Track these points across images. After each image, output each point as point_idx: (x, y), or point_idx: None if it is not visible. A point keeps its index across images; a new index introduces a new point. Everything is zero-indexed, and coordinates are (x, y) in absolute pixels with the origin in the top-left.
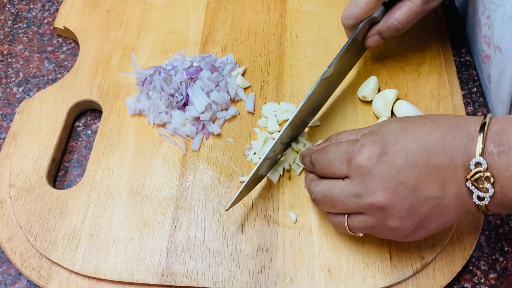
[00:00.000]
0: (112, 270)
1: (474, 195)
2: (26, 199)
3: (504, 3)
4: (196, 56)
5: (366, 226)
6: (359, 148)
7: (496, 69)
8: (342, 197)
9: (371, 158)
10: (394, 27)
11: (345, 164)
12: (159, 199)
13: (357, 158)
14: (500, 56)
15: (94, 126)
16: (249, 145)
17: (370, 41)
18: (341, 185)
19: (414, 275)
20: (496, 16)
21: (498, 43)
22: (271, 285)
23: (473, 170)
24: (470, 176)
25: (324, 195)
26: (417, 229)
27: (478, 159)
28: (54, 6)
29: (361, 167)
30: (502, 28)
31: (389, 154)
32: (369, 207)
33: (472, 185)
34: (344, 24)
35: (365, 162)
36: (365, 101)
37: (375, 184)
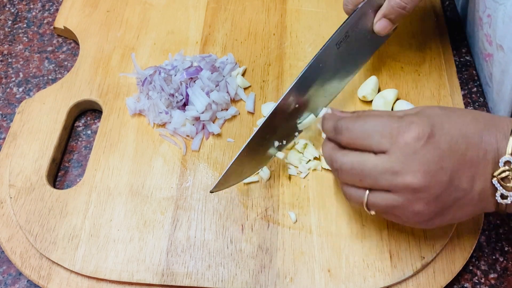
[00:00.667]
0: (112, 270)
1: (498, 192)
2: (26, 199)
3: (505, 2)
4: (196, 56)
5: (388, 205)
6: (408, 125)
7: (499, 68)
8: (375, 172)
9: (420, 138)
10: (399, 6)
11: (387, 138)
12: (159, 199)
13: (406, 135)
14: (502, 55)
15: (94, 126)
16: None
17: (379, 27)
18: (375, 160)
19: (414, 275)
20: (497, 15)
21: (500, 42)
22: (271, 285)
23: (501, 168)
24: (497, 174)
25: (353, 167)
26: (434, 217)
27: (508, 157)
28: (54, 6)
29: (408, 144)
30: (503, 27)
31: (436, 137)
32: (404, 187)
33: (498, 182)
34: (346, 11)
35: (413, 141)
36: (365, 101)
37: (417, 165)
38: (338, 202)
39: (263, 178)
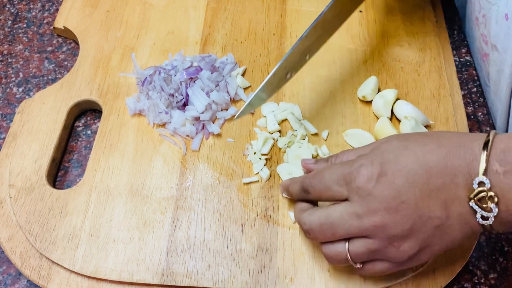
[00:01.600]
0: (112, 270)
1: (478, 214)
2: (26, 199)
3: (498, 2)
4: (196, 56)
5: (369, 250)
6: (357, 169)
7: (495, 68)
8: (342, 220)
9: (370, 179)
10: None
11: (344, 186)
12: (159, 199)
13: (356, 180)
14: (497, 55)
15: (94, 126)
16: (249, 145)
17: None
18: (340, 208)
19: (414, 275)
20: (491, 15)
21: (494, 42)
22: (271, 285)
23: (476, 190)
24: (473, 196)
25: (322, 224)
26: (422, 250)
27: (481, 178)
28: (54, 6)
29: (361, 188)
30: (497, 27)
31: (389, 174)
32: (373, 228)
33: (476, 204)
34: None
35: (364, 184)
36: (365, 101)
37: (376, 204)
38: None
39: (263, 178)
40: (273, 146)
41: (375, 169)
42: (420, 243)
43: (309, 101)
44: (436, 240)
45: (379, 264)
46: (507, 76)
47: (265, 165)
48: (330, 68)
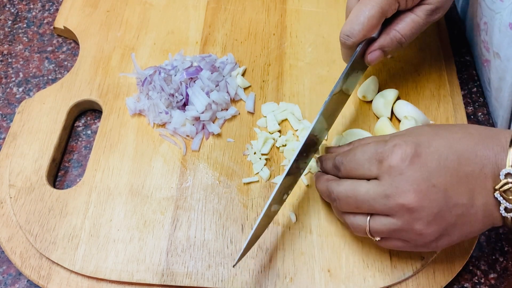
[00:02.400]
0: (112, 270)
1: (501, 206)
2: (26, 199)
3: (501, 11)
4: (196, 56)
5: (389, 229)
6: (391, 148)
7: (496, 75)
8: (368, 197)
9: (404, 159)
10: (398, 40)
11: (375, 164)
12: (159, 199)
13: (390, 159)
14: (499, 63)
15: (94, 126)
16: (249, 145)
17: (372, 57)
18: (367, 186)
19: (414, 275)
20: (494, 23)
21: (497, 49)
22: (271, 285)
23: (502, 181)
24: (499, 187)
25: (348, 196)
26: (441, 237)
27: (508, 169)
28: (54, 6)
29: (393, 167)
30: (500, 36)
31: (422, 156)
32: (398, 208)
33: (501, 195)
34: (343, 42)
35: (397, 163)
36: (365, 101)
37: (407, 185)
38: None
39: (263, 178)
40: (273, 146)
41: (409, 149)
42: (441, 230)
43: (309, 101)
44: (456, 228)
45: (396, 242)
46: (509, 84)
47: (265, 165)
48: (330, 68)
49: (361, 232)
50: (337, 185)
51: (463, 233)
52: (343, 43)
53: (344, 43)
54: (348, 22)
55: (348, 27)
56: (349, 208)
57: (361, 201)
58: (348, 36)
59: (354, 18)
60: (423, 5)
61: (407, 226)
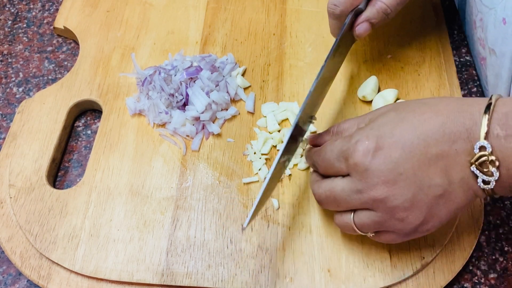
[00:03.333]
0: (112, 270)
1: (479, 179)
2: (26, 199)
3: (495, 7)
4: (196, 56)
5: (374, 222)
6: (353, 145)
7: (492, 72)
8: (344, 195)
9: (366, 154)
10: (383, 10)
11: (343, 162)
12: (159, 199)
13: (353, 156)
14: (495, 59)
15: (94, 126)
16: (249, 145)
17: (360, 29)
18: (342, 183)
19: (414, 275)
20: (488, 19)
21: (492, 46)
22: (271, 285)
23: (477, 154)
24: (474, 160)
25: (327, 196)
26: (428, 219)
27: (482, 142)
28: (54, 6)
29: (357, 164)
30: (495, 32)
31: (385, 147)
32: (373, 202)
33: (477, 169)
34: (331, 12)
35: (360, 159)
36: (365, 101)
37: (374, 179)
38: None
39: (261, 178)
40: (273, 146)
41: (370, 144)
42: (424, 213)
43: None
44: (441, 208)
45: (388, 235)
46: (504, 80)
47: (264, 165)
48: None
49: (350, 230)
50: (318, 187)
51: (450, 210)
52: (331, 13)
53: (332, 13)
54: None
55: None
56: (331, 206)
57: (339, 199)
58: (335, 5)
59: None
60: None
61: (388, 216)
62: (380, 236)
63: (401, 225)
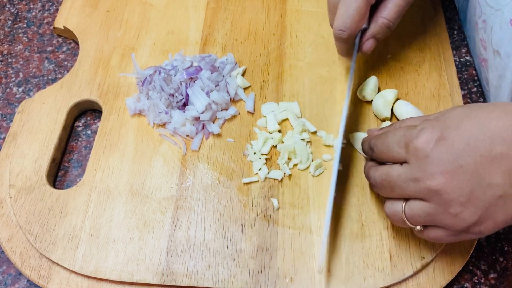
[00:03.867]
0: (112, 270)
1: None
2: (26, 199)
3: (502, 8)
4: (196, 56)
5: (425, 214)
6: (417, 132)
7: (496, 73)
8: (400, 181)
9: (429, 141)
10: (386, 25)
11: (403, 148)
12: (159, 199)
13: (415, 141)
14: (499, 60)
15: (94, 126)
16: (249, 145)
17: (367, 46)
18: (399, 170)
19: (414, 275)
20: (494, 21)
21: (497, 47)
22: (271, 285)
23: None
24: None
25: (383, 180)
26: (483, 219)
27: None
28: (54, 6)
29: (418, 150)
30: (500, 33)
31: (449, 138)
32: (428, 191)
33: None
34: (338, 37)
35: (422, 145)
36: (365, 101)
37: (433, 167)
38: (338, 202)
39: (261, 178)
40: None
41: (435, 132)
42: (480, 212)
43: (309, 101)
44: (499, 211)
45: (436, 231)
46: (509, 81)
47: (264, 164)
48: (330, 68)
49: (399, 221)
50: (374, 171)
51: (507, 214)
52: (339, 38)
53: (340, 38)
54: (339, 16)
55: (341, 21)
56: (385, 192)
57: (394, 185)
58: (342, 31)
59: (344, 12)
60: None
61: (442, 209)
62: (429, 232)
63: (453, 221)
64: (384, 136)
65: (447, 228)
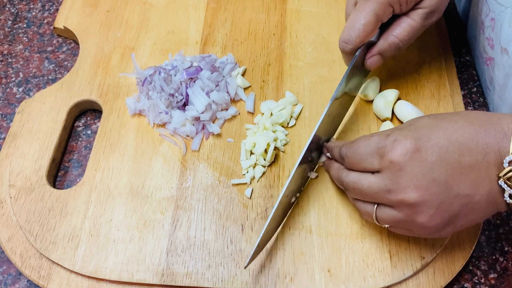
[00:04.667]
0: (112, 270)
1: (506, 193)
2: (26, 199)
3: (511, 5)
4: (196, 56)
5: (394, 220)
6: (391, 143)
7: (502, 71)
8: (371, 191)
9: (404, 155)
10: (395, 45)
11: (376, 159)
12: (159, 199)
13: (390, 154)
14: (507, 59)
15: (94, 126)
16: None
17: (371, 62)
18: (371, 179)
19: (414, 275)
20: (503, 18)
21: (505, 45)
22: (271, 285)
23: (506, 168)
24: (503, 174)
25: (354, 187)
26: (445, 226)
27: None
28: (54, 6)
29: (394, 163)
30: (509, 31)
31: (422, 150)
32: (399, 203)
33: (505, 183)
34: (342, 49)
35: (398, 159)
36: (366, 101)
37: (407, 181)
38: (338, 202)
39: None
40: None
41: (409, 144)
42: (444, 221)
43: (309, 101)
44: (460, 217)
45: (403, 230)
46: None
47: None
48: (330, 68)
49: (370, 219)
50: (346, 175)
51: (468, 220)
52: (342, 50)
53: (343, 50)
54: (346, 29)
55: (346, 35)
56: (357, 195)
57: (365, 194)
58: (345, 44)
59: (350, 25)
60: (418, 9)
61: (410, 219)
62: (396, 229)
63: (418, 228)
64: (355, 145)
65: (413, 231)
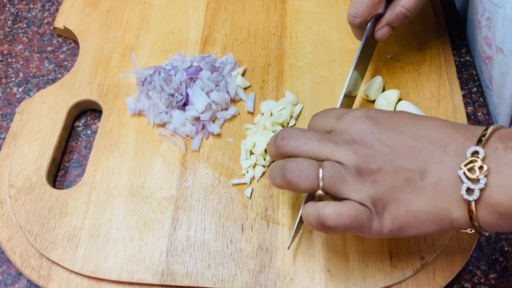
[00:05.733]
0: (112, 270)
1: (463, 186)
2: (26, 199)
3: (504, 5)
4: (196, 56)
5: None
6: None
7: (499, 71)
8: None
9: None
10: (403, 14)
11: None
12: (159, 199)
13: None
14: (502, 58)
15: (94, 126)
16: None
17: (381, 33)
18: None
19: (414, 275)
20: (497, 18)
21: (500, 44)
22: (271, 285)
23: (468, 158)
24: (464, 164)
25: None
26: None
27: (476, 147)
28: (54, 6)
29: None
30: (503, 30)
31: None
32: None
33: (464, 174)
34: (351, 23)
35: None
36: (367, 101)
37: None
38: None
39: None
40: None
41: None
42: (386, 189)
43: (309, 101)
44: (404, 197)
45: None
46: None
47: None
48: (330, 68)
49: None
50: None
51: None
52: (351, 24)
53: (352, 24)
54: (353, 3)
55: (353, 8)
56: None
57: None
58: (354, 17)
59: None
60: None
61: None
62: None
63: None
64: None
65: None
